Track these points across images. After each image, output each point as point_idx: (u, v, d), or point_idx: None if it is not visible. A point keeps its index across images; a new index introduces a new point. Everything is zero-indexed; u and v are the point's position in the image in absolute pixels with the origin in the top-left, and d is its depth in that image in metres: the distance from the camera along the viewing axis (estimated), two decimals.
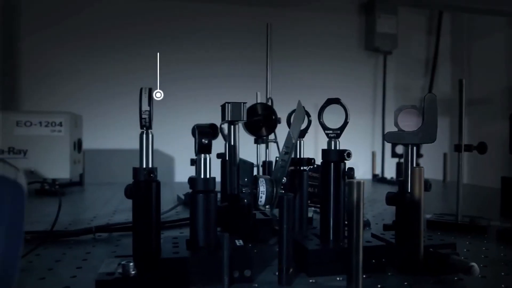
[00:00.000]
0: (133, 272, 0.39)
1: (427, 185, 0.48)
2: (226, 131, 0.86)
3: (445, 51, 2.05)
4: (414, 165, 0.50)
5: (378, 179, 1.53)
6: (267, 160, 0.88)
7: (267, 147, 0.90)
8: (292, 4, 1.86)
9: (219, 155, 0.86)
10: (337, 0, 1.94)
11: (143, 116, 0.43)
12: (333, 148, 0.49)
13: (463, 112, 0.70)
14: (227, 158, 0.59)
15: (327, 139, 0.50)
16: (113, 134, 1.68)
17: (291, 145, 0.49)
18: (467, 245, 0.60)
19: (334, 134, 0.49)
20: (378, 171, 1.62)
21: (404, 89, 2.02)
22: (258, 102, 0.85)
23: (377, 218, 0.81)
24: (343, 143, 0.50)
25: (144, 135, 0.44)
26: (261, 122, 0.72)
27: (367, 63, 1.97)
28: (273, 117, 0.77)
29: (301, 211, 0.59)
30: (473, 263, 0.43)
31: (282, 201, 0.41)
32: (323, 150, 0.50)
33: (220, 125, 0.87)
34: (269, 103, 0.94)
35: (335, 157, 0.48)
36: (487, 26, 1.99)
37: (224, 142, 0.85)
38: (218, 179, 0.53)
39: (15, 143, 1.09)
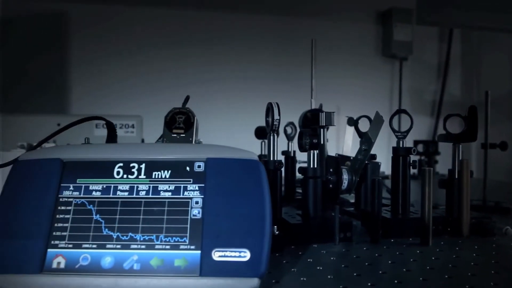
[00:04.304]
0: (277, 232, 0.56)
1: (472, 173, 0.65)
2: (288, 132, 1.03)
3: (456, 57, 2.22)
4: (460, 158, 0.67)
5: None
6: None
7: None
8: (314, 14, 2.03)
9: (283, 152, 1.04)
10: (356, 10, 2.10)
11: (275, 122, 0.60)
12: (401, 146, 0.67)
13: (488, 117, 0.88)
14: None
15: (396, 139, 0.67)
16: None
17: (369, 144, 0.67)
18: (496, 220, 0.77)
19: (402, 136, 0.67)
20: None
21: (418, 93, 2.20)
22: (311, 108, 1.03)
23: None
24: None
25: (272, 136, 0.62)
26: None
27: (384, 68, 2.15)
28: None
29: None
30: (508, 227, 0.60)
31: (375, 183, 0.59)
32: (393, 148, 0.67)
33: (285, 128, 1.04)
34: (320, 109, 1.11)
35: (404, 152, 0.66)
36: (494, 34, 2.17)
37: (286, 141, 1.03)
38: None
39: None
